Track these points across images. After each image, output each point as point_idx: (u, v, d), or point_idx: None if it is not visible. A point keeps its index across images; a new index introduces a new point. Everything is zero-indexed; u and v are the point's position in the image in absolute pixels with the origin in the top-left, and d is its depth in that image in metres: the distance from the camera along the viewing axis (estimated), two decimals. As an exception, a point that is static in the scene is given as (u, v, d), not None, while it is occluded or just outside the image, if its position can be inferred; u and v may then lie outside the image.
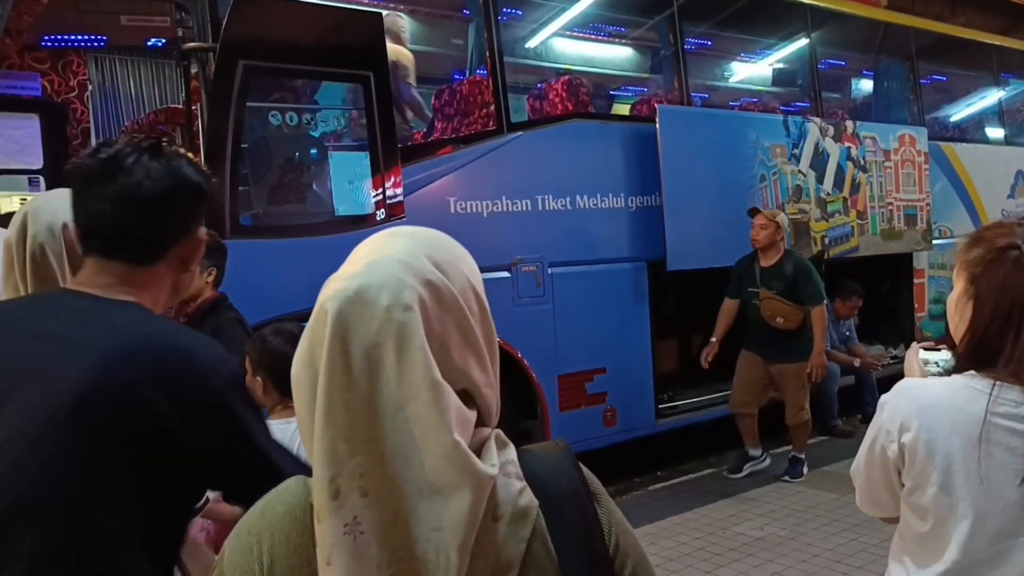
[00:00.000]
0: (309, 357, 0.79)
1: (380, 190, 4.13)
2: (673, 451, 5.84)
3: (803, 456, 5.30)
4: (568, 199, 5.03)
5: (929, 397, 1.41)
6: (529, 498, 0.82)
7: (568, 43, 6.85)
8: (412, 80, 4.94)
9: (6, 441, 1.07)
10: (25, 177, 6.19)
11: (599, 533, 0.87)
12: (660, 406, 5.58)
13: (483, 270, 3.56)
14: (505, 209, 4.73)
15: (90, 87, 5.87)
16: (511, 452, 0.85)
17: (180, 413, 1.11)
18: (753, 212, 5.13)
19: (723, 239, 5.51)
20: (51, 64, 5.75)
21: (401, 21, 5.02)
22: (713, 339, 5.30)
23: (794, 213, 6.02)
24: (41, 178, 5.98)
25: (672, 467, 5.71)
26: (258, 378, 2.35)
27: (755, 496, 4.94)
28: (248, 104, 3.83)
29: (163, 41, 5.64)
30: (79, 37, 5.68)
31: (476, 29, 5.39)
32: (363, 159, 4.15)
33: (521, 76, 6.07)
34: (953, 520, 1.35)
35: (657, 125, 5.28)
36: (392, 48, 4.51)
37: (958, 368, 1.44)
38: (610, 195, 5.25)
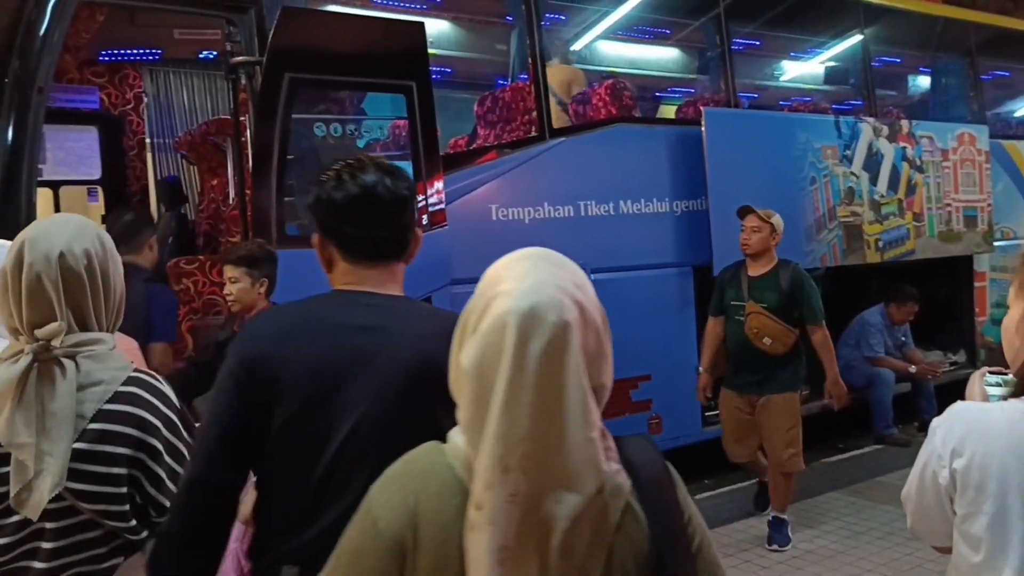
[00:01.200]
0: (484, 357, 0.95)
1: (422, 198, 4.16)
2: (720, 459, 5.74)
3: (786, 517, 4.28)
4: (611, 204, 5.00)
5: (984, 421, 1.35)
6: (624, 478, 1.00)
7: (612, 46, 6.81)
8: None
9: (370, 411, 1.39)
10: (85, 187, 6.42)
11: (677, 509, 1.05)
12: (707, 413, 5.50)
13: None
14: (547, 216, 4.72)
15: (145, 99, 6.05)
16: (610, 440, 1.02)
17: None
18: (744, 211, 4.37)
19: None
20: (108, 78, 5.93)
21: None
22: (701, 369, 4.52)
23: (846, 216, 5.89)
24: (99, 188, 6.18)
25: (719, 476, 5.61)
26: None
27: (806, 507, 4.82)
28: (294, 116, 3.89)
29: (214, 53, 5.78)
30: (135, 51, 5.86)
31: (518, 35, 5.39)
32: (406, 168, 4.16)
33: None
34: (1007, 551, 1.29)
35: (703, 128, 5.21)
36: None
37: (1016, 392, 1.38)
38: (655, 200, 5.19)
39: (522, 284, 0.97)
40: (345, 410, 1.40)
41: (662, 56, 7.26)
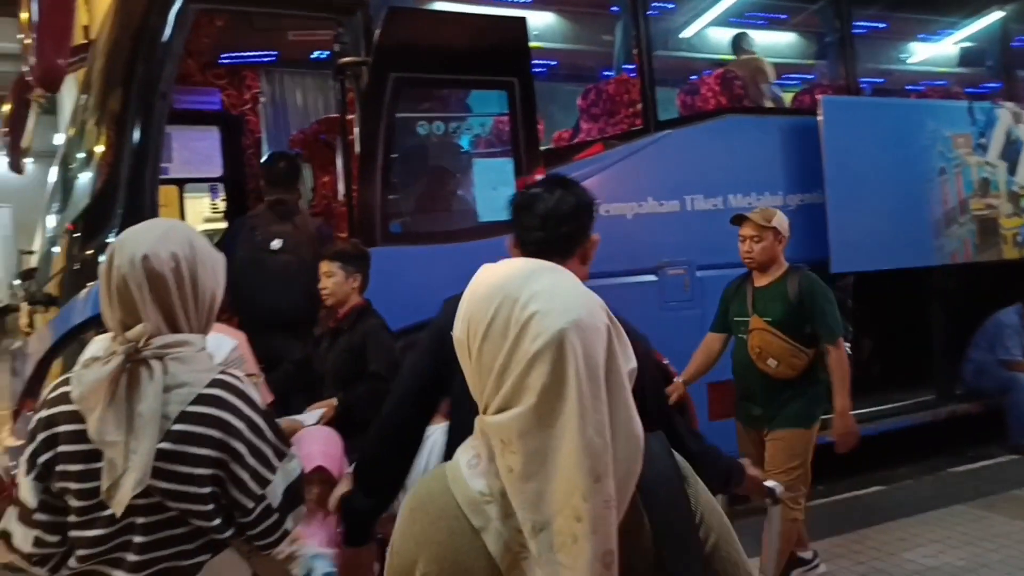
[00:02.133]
0: (550, 376, 0.95)
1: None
2: (836, 466, 5.47)
3: (807, 555, 3.83)
4: (719, 199, 4.82)
5: None
6: None
7: (723, 33, 6.57)
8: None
9: None
10: (207, 184, 6.76)
11: (686, 507, 1.04)
12: (822, 417, 5.25)
13: (627, 273, 3.46)
14: (651, 211, 4.60)
15: (262, 100, 6.30)
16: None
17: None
18: (738, 220, 3.72)
19: (895, 239, 5.10)
20: (228, 80, 6.21)
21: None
22: (678, 379, 3.98)
23: (980, 208, 5.47)
24: (221, 185, 6.50)
25: (834, 482, 5.35)
26: None
27: (929, 519, 4.53)
28: (398, 115, 3.95)
29: (326, 53, 5.95)
30: (252, 54, 6.10)
31: (624, 26, 5.29)
32: (507, 165, 4.17)
33: (672, 71, 5.89)
34: None
35: (819, 117, 4.95)
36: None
37: None
38: (767, 193, 4.98)
39: (557, 299, 0.98)
40: None
41: (777, 42, 6.96)
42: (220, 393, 1.52)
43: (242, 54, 6.08)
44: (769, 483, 2.29)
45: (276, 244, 4.02)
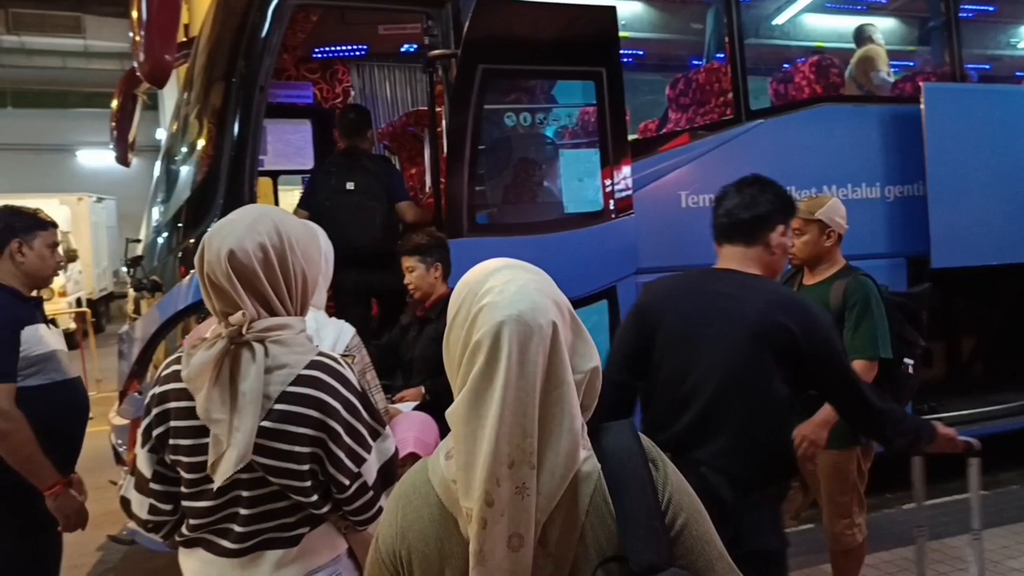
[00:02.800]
0: (484, 364, 1.02)
1: (610, 186, 4.10)
2: (935, 468, 5.23)
3: None
4: (814, 190, 4.67)
5: None
6: (593, 464, 1.08)
7: (819, 18, 6.36)
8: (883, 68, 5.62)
9: (719, 351, 2.05)
10: (300, 176, 6.95)
11: (652, 490, 1.08)
12: (921, 417, 5.03)
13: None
14: (742, 203, 4.49)
15: (352, 93, 6.43)
16: (584, 428, 1.10)
17: (808, 342, 2.04)
18: None
19: (1001, 233, 4.84)
20: (321, 74, 6.37)
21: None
22: None
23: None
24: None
25: (932, 485, 5.12)
26: None
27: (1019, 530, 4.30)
28: (486, 106, 3.97)
29: (414, 47, 6.04)
30: (344, 48, 6.24)
31: (715, 13, 5.17)
32: (593, 155, 4.15)
33: (765, 59, 5.73)
34: None
35: (922, 105, 4.73)
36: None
37: None
38: (863, 185, 4.80)
39: (505, 294, 1.05)
40: (701, 349, 2.08)
41: (877, 27, 6.68)
42: (318, 374, 1.57)
43: (334, 48, 6.22)
44: (965, 437, 2.40)
45: (350, 186, 4.38)
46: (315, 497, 1.56)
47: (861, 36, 5.79)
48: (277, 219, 1.62)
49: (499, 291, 1.06)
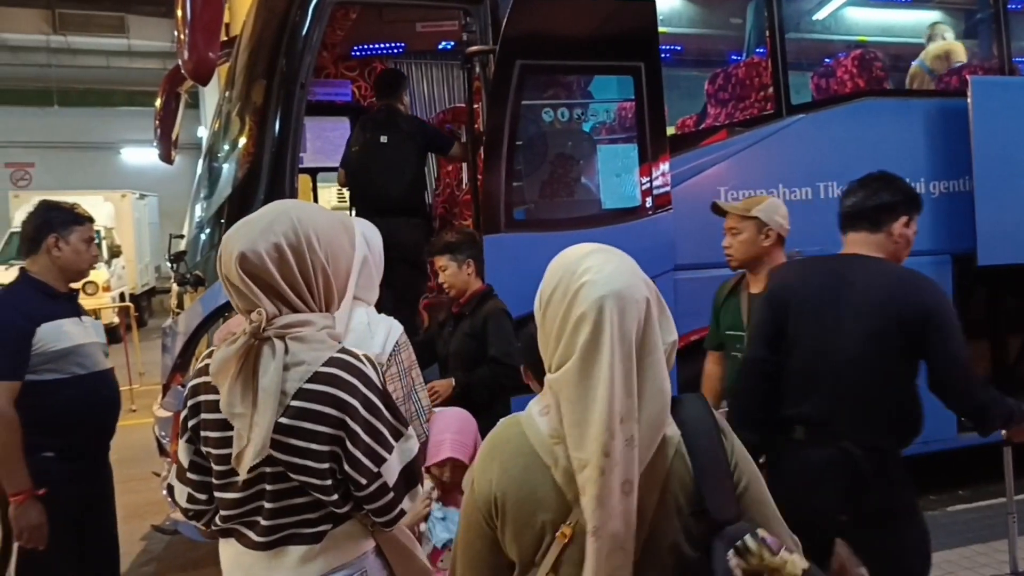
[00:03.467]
0: (590, 335, 1.17)
1: (647, 182, 4.08)
2: (979, 469, 5.13)
3: None
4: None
5: None
6: (674, 430, 1.24)
7: (861, 12, 6.25)
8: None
9: (852, 329, 2.24)
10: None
11: (723, 456, 1.25)
12: (963, 418, 4.93)
13: None
14: (782, 197, 4.42)
15: (390, 90, 6.46)
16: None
17: (932, 318, 2.20)
18: (716, 210, 3.24)
19: (1051, 229, 4.71)
20: (359, 71, 6.41)
21: None
22: None
23: None
24: (349, 174, 6.72)
25: (978, 487, 5.03)
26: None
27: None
28: (524, 102, 3.97)
29: (451, 44, 6.05)
30: (381, 45, 6.28)
31: (755, 7, 5.11)
32: (631, 151, 4.13)
33: (806, 53, 5.65)
34: None
35: (969, 99, 4.63)
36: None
37: None
38: (907, 180, 4.69)
39: (603, 273, 1.20)
40: (835, 327, 2.26)
41: (920, 20, 6.54)
42: (336, 372, 1.55)
43: (372, 46, 6.26)
44: None
45: (383, 139, 4.64)
46: (335, 496, 1.56)
47: (936, 31, 5.75)
48: (296, 216, 1.58)
49: (597, 270, 1.20)
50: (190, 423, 1.62)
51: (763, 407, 2.36)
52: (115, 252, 15.44)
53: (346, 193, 7.20)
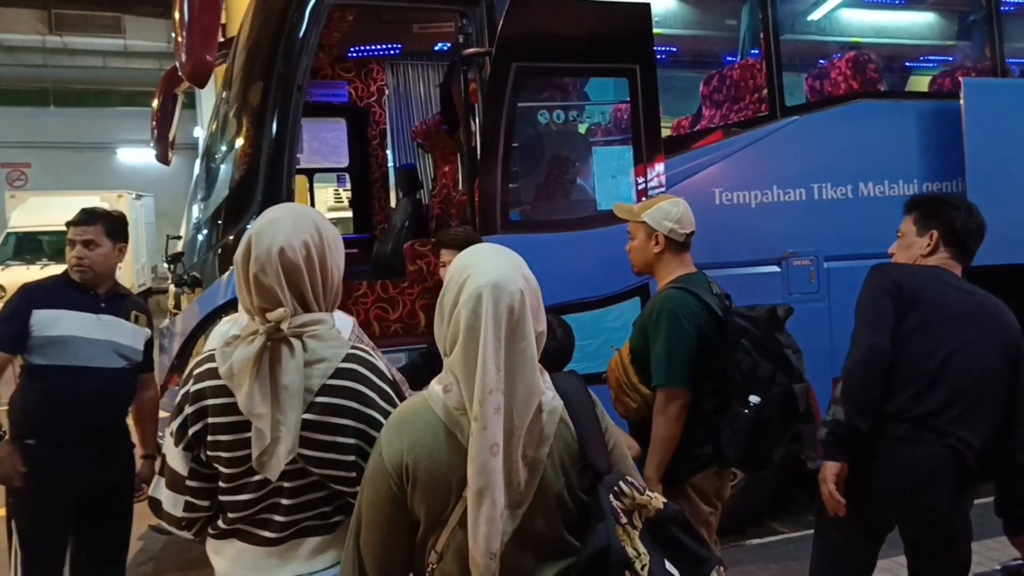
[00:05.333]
0: (470, 319, 1.37)
1: (643, 183, 4.11)
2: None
3: None
4: (849, 187, 4.63)
5: None
6: (558, 401, 1.46)
7: (855, 13, 6.27)
8: None
9: (979, 344, 2.39)
10: (335, 174, 7.03)
11: (597, 422, 1.50)
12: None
13: (750, 264, 3.51)
14: (776, 199, 4.46)
15: (387, 91, 6.49)
16: (547, 376, 1.49)
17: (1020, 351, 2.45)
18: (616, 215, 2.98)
19: (1044, 230, 4.74)
20: (356, 72, 6.43)
21: None
22: None
23: None
24: (347, 175, 6.75)
25: (987, 482, 5.03)
26: None
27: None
28: (519, 104, 3.99)
29: (448, 45, 6.07)
30: (378, 47, 6.30)
31: (750, 9, 5.13)
32: (626, 152, 4.15)
33: (800, 55, 5.67)
34: None
35: (961, 101, 4.66)
36: None
37: None
38: (900, 182, 4.74)
39: (485, 267, 1.41)
40: (956, 335, 2.38)
41: (914, 21, 6.57)
42: (355, 367, 1.62)
43: (369, 47, 6.28)
44: None
45: None
46: (358, 487, 1.59)
47: None
48: (314, 217, 1.67)
49: (480, 266, 1.42)
50: (191, 429, 1.61)
51: (880, 397, 2.38)
52: (111, 252, 15.37)
53: (345, 195, 7.23)
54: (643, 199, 4.09)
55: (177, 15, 3.29)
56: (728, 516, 3.14)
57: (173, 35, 3.42)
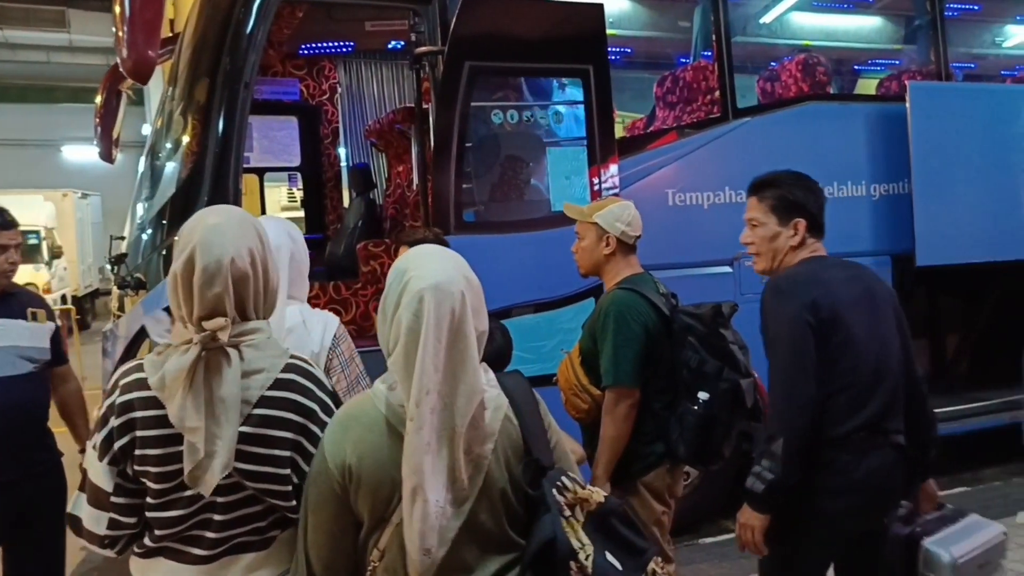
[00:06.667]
0: (411, 319, 1.38)
1: (596, 184, 4.10)
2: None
3: None
4: (800, 189, 4.68)
5: None
6: (503, 399, 1.48)
7: (807, 17, 6.37)
8: None
9: (886, 330, 2.32)
10: (286, 173, 6.91)
11: (540, 419, 1.53)
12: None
13: (702, 264, 3.49)
14: (728, 200, 4.50)
15: (339, 89, 6.40)
16: (491, 374, 1.51)
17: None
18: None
19: (986, 231, 4.88)
20: (307, 70, 6.33)
21: None
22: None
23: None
24: (299, 174, 6.65)
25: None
26: None
27: (1018, 523, 4.33)
28: (473, 104, 3.95)
29: (402, 43, 6.01)
30: (331, 44, 6.21)
31: (702, 11, 5.17)
32: (581, 153, 4.14)
33: (752, 57, 5.74)
34: None
35: (907, 104, 4.76)
36: None
37: None
38: (849, 183, 4.82)
39: (426, 269, 1.42)
40: (872, 332, 2.28)
41: (864, 26, 6.71)
42: (295, 377, 1.57)
43: (320, 44, 6.19)
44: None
45: None
46: (294, 502, 1.54)
47: None
48: (254, 222, 1.62)
49: (422, 268, 1.42)
50: (117, 443, 1.52)
51: (812, 441, 2.20)
52: (56, 253, 14.99)
53: (297, 194, 7.10)
54: (597, 200, 4.09)
55: (117, 9, 3.18)
56: (682, 515, 3.15)
57: (114, 30, 3.30)
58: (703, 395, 2.56)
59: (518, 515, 1.46)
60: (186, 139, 3.82)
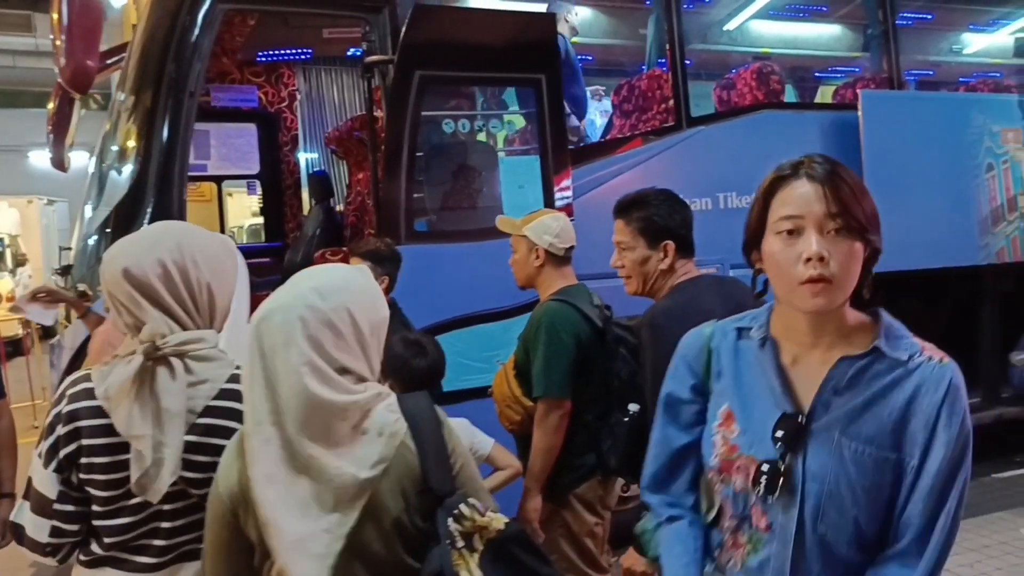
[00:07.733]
0: (249, 352, 1.36)
1: (550, 193, 4.10)
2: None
3: None
4: (753, 196, 4.71)
5: None
6: (402, 424, 1.42)
7: (765, 25, 6.43)
8: None
9: None
10: (245, 181, 6.85)
11: (442, 443, 1.45)
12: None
13: None
14: (683, 209, 4.51)
15: (299, 96, 6.36)
16: (393, 399, 1.45)
17: None
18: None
19: (939, 237, 4.93)
20: (266, 77, 6.28)
21: None
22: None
23: (1030, 206, 5.25)
24: (258, 182, 6.58)
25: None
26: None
27: (968, 526, 4.37)
28: (424, 113, 3.93)
29: (359, 51, 5.97)
30: (289, 51, 6.16)
31: (656, 19, 5.19)
32: (534, 162, 4.13)
33: (709, 65, 5.78)
34: None
35: (859, 112, 4.80)
36: None
37: None
38: (803, 190, 4.85)
39: (277, 295, 1.39)
40: None
41: (818, 35, 6.78)
42: (240, 388, 1.57)
43: (278, 52, 6.14)
44: None
45: None
46: None
47: None
48: (180, 236, 1.64)
49: (276, 293, 1.39)
50: (63, 451, 1.56)
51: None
52: (20, 261, 14.76)
53: (256, 207, 6.97)
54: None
55: (55, 16, 3.13)
56: (621, 527, 3.15)
57: (51, 38, 3.25)
58: (633, 407, 2.53)
59: (417, 543, 1.42)
60: (131, 146, 3.76)
